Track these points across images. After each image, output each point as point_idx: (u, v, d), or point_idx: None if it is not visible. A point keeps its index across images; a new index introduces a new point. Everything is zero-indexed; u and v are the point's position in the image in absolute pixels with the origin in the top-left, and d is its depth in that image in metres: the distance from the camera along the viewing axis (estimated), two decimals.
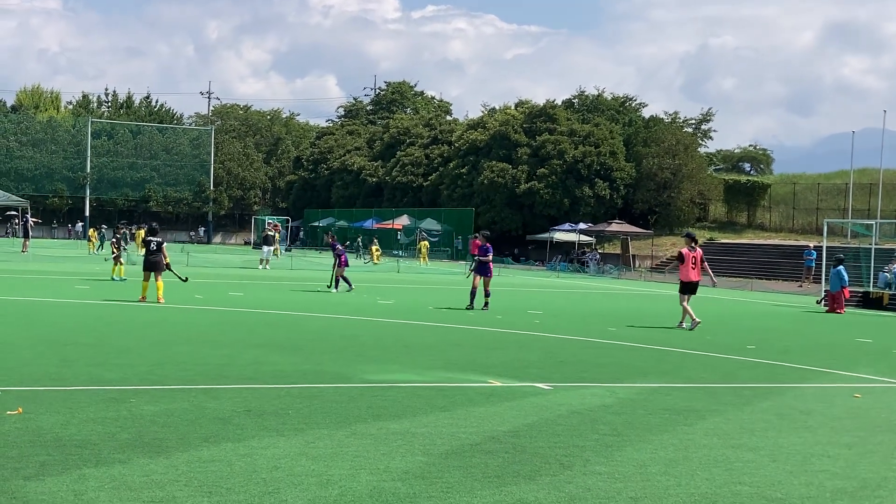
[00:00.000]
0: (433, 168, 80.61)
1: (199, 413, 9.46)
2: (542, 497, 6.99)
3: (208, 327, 17.92)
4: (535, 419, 9.94)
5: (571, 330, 20.20)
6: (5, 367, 11.86)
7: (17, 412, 9.03)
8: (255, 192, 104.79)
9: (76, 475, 7.00)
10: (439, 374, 12.97)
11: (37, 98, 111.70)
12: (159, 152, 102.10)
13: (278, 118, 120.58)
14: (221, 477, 7.12)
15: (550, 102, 76.96)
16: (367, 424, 9.26)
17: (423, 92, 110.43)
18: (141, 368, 12.25)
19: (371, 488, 7.01)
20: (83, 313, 19.66)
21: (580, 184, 69.47)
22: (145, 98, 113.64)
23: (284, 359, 13.76)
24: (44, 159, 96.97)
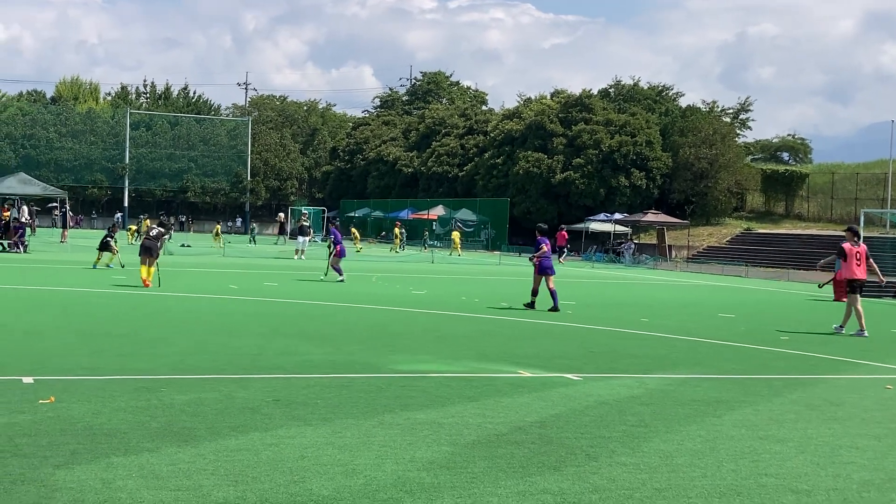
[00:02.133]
0: (469, 158, 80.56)
1: (228, 402, 9.54)
2: (566, 488, 6.99)
3: (241, 317, 18.03)
4: (562, 410, 9.93)
5: (604, 320, 20.15)
6: (39, 357, 12.00)
7: (49, 401, 9.15)
8: (291, 182, 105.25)
9: (105, 463, 7.08)
10: (469, 364, 12.99)
11: (76, 89, 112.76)
12: (197, 143, 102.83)
13: (315, 109, 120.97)
14: (248, 466, 7.18)
15: (587, 92, 76.68)
16: (394, 414, 9.29)
17: (459, 82, 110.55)
18: (172, 358, 12.36)
19: (396, 478, 7.04)
20: (118, 303, 19.84)
21: (616, 174, 69.21)
22: (183, 89, 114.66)
23: (315, 349, 13.83)
24: (83, 150, 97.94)
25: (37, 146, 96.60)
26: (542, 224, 24.00)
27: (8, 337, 13.69)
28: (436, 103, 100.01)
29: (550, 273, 22.13)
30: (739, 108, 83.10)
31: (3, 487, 6.38)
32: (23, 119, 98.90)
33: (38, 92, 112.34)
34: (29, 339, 13.53)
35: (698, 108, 78.56)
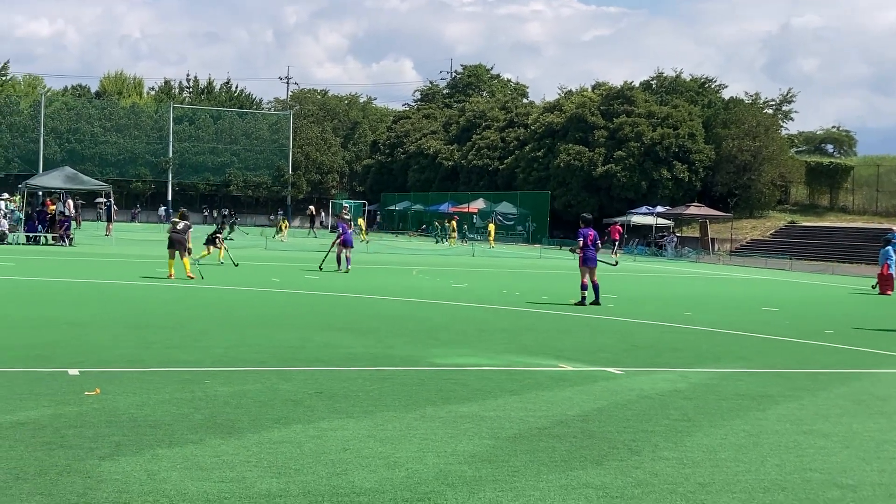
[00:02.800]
0: (509, 151, 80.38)
1: (271, 394, 9.59)
2: (608, 482, 6.97)
3: (283, 310, 18.13)
4: (604, 403, 9.90)
5: (646, 314, 20.05)
6: (85, 349, 12.13)
7: (94, 393, 9.24)
8: (332, 176, 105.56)
9: (149, 455, 7.15)
10: (511, 357, 12.97)
11: (120, 84, 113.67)
12: (239, 137, 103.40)
13: (355, 103, 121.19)
14: (290, 458, 7.22)
15: (628, 84, 76.22)
16: (436, 407, 9.30)
17: (500, 75, 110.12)
18: (216, 350, 12.45)
19: (437, 471, 7.05)
20: (162, 296, 20.01)
21: (658, 166, 68.79)
22: (225, 83, 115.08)
23: (356, 341, 13.87)
24: (127, 144, 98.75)
25: (82, 140, 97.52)
26: (586, 214, 23.12)
27: (54, 329, 13.85)
28: (476, 96, 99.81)
29: (592, 265, 21.42)
30: (782, 99, 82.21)
31: (50, 479, 6.46)
32: (68, 113, 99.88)
33: (83, 87, 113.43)
34: (74, 332, 13.68)
35: (741, 100, 77.81)
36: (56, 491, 6.21)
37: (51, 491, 6.21)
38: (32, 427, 7.84)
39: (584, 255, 21.36)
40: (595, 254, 21.50)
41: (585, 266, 21.38)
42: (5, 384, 9.53)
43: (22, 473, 6.54)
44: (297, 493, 6.38)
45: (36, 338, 12.90)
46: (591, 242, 21.39)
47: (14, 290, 19.98)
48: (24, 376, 10.02)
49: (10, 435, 7.56)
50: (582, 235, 21.49)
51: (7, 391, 9.19)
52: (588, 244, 21.34)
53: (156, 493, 6.24)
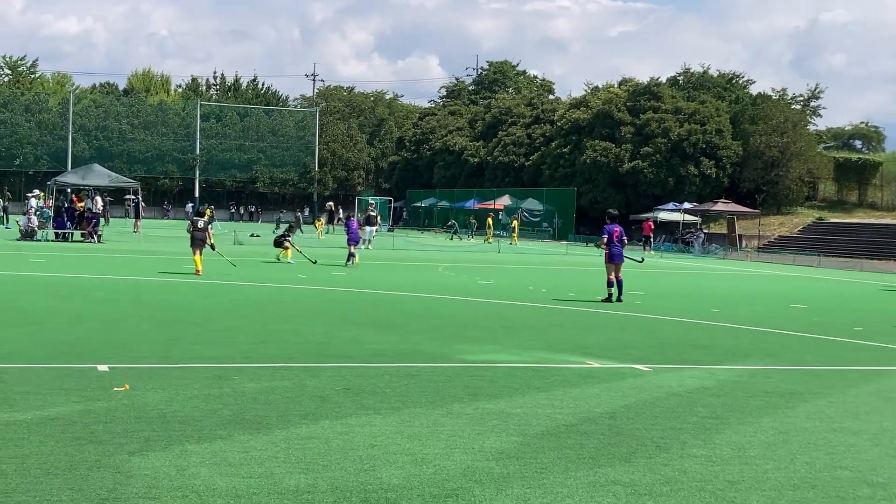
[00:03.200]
0: (535, 148, 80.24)
1: (298, 391, 9.62)
2: (637, 479, 6.95)
3: (310, 306, 18.18)
4: (632, 401, 9.87)
5: (674, 311, 19.97)
6: (115, 345, 12.21)
7: (123, 388, 9.30)
8: (358, 172, 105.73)
9: (178, 451, 7.18)
10: (537, 354, 12.96)
11: (147, 82, 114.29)
12: (266, 134, 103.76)
13: (381, 99, 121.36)
14: (318, 454, 7.24)
15: (655, 80, 75.93)
16: (463, 404, 9.30)
17: (526, 71, 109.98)
18: (244, 346, 12.50)
19: (465, 467, 7.05)
20: (190, 292, 20.11)
21: (685, 162, 68.47)
22: (252, 81, 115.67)
23: (383, 338, 13.89)
24: (155, 141, 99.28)
25: (110, 137, 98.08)
26: (612, 210, 23.05)
27: (83, 325, 13.94)
28: (502, 93, 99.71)
29: (618, 262, 21.28)
30: (810, 95, 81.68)
31: (81, 474, 6.50)
32: (96, 111, 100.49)
33: (110, 84, 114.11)
34: (104, 328, 13.76)
35: (769, 96, 77.32)
36: (86, 486, 6.25)
37: (81, 486, 6.25)
38: (62, 422, 7.90)
39: (610, 251, 21.26)
40: (621, 250, 21.36)
41: (611, 263, 21.27)
42: (35, 380, 9.60)
43: (52, 469, 6.59)
44: (325, 489, 6.40)
45: (65, 334, 12.99)
46: (616, 239, 21.28)
47: (44, 286, 20.13)
48: (54, 372, 10.09)
49: (40, 430, 7.61)
50: (607, 232, 21.44)
51: (37, 387, 9.26)
52: (613, 240, 21.23)
53: (185, 489, 6.27)
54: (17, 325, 13.66)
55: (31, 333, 12.92)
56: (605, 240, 21.35)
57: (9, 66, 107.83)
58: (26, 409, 8.31)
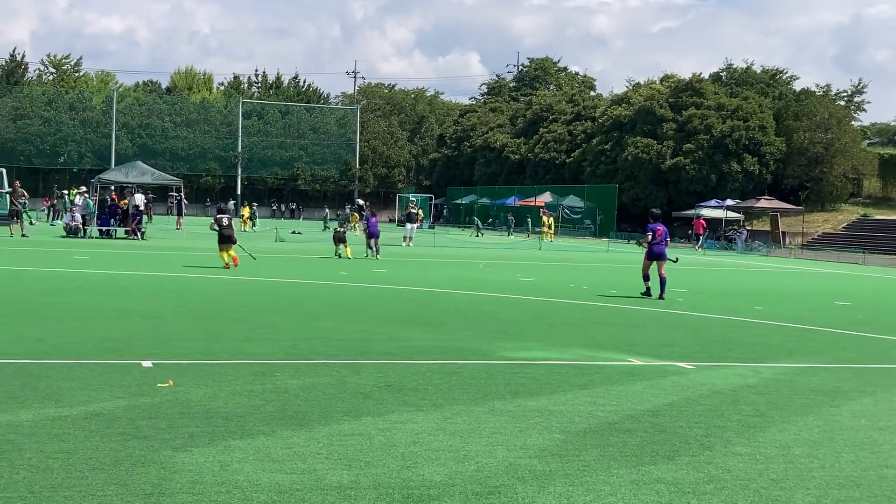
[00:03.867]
0: (576, 144, 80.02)
1: (340, 387, 9.65)
2: (680, 477, 6.90)
3: (352, 303, 18.22)
4: (675, 398, 9.81)
5: (717, 308, 19.83)
6: (158, 341, 12.30)
7: (167, 385, 9.37)
8: (399, 170, 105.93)
9: (222, 446, 7.22)
10: (579, 351, 12.91)
11: (190, 80, 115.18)
12: (307, 132, 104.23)
13: (422, 97, 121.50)
14: (361, 450, 7.26)
15: (697, 76, 75.44)
16: (505, 401, 9.29)
17: (567, 68, 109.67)
18: (286, 343, 12.56)
19: (507, 465, 7.04)
20: (232, 289, 20.23)
21: (728, 159, 67.98)
22: (293, 78, 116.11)
23: (424, 335, 13.90)
24: (197, 139, 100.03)
25: (153, 135, 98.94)
26: (655, 209, 23.21)
27: (128, 322, 14.06)
28: (543, 89, 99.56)
29: (663, 259, 21.32)
30: (854, 90, 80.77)
31: (125, 469, 6.56)
32: (139, 109, 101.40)
33: (153, 82, 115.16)
34: (148, 324, 13.87)
35: (812, 92, 76.58)
36: (131, 481, 6.30)
37: (126, 481, 6.30)
38: (107, 418, 7.97)
39: (652, 249, 21.30)
40: (664, 248, 21.42)
41: (651, 260, 21.36)
42: (81, 376, 9.69)
43: (97, 464, 6.65)
44: (367, 485, 6.41)
45: (110, 330, 13.11)
46: (659, 237, 21.34)
47: (88, 283, 20.33)
48: (100, 368, 10.19)
49: (85, 426, 7.69)
50: (651, 230, 21.44)
51: (83, 383, 9.35)
52: (657, 239, 21.30)
53: (228, 484, 6.31)
54: (63, 322, 13.81)
55: (77, 330, 13.05)
56: (649, 238, 21.37)
57: (53, 64, 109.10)
58: (72, 405, 8.40)
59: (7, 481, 6.21)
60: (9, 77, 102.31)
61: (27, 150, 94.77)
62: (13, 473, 6.37)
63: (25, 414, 8.02)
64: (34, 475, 6.35)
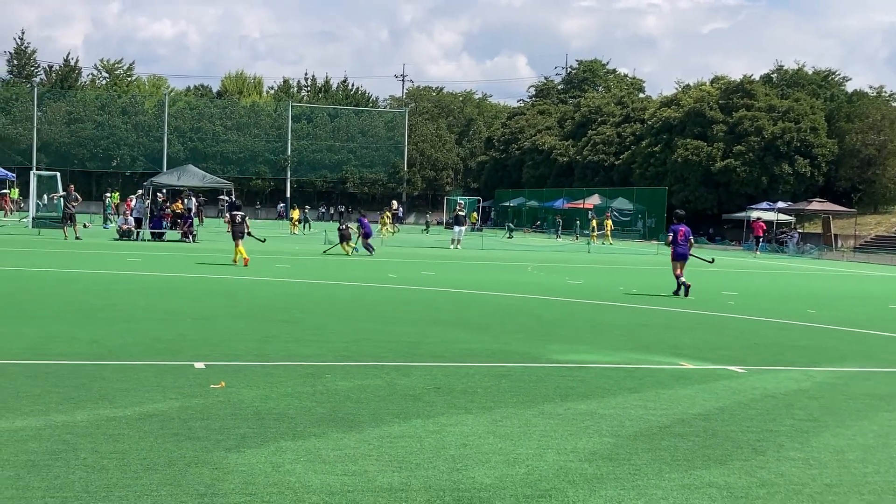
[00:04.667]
0: (625, 147, 79.63)
1: (390, 389, 9.68)
2: (732, 482, 6.85)
3: (400, 305, 18.27)
4: (727, 402, 9.73)
5: (768, 311, 19.65)
6: (210, 343, 12.42)
7: (219, 386, 9.45)
8: (447, 172, 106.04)
9: (274, 448, 7.28)
10: (628, 354, 12.85)
11: (240, 84, 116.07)
12: (356, 135, 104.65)
13: (470, 99, 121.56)
14: (411, 452, 7.28)
15: (748, 78, 74.77)
16: (554, 404, 9.27)
17: (616, 69, 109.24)
18: (336, 345, 12.62)
19: (558, 468, 7.02)
20: (282, 291, 20.36)
21: (779, 161, 67.31)
22: (342, 82, 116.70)
23: (473, 337, 13.90)
24: (247, 143, 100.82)
25: (204, 139, 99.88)
26: (679, 210, 24.22)
27: (181, 323, 14.20)
28: (592, 91, 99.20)
29: (683, 260, 22.26)
30: None
31: (179, 469, 6.62)
32: (191, 113, 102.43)
33: (204, 86, 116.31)
34: (200, 326, 14.01)
35: (865, 93, 75.61)
36: (184, 482, 6.37)
37: (179, 482, 6.37)
38: (161, 419, 8.06)
39: (675, 250, 22.26)
40: (686, 249, 22.31)
41: (676, 261, 22.32)
42: (135, 377, 9.81)
43: (151, 464, 6.72)
44: (418, 487, 6.43)
45: (163, 332, 13.25)
46: (681, 238, 22.20)
47: (141, 285, 20.55)
48: (153, 369, 10.30)
49: (139, 426, 7.78)
50: (672, 231, 22.48)
51: (136, 384, 9.46)
52: (678, 240, 22.19)
53: (280, 486, 6.36)
54: (117, 324, 13.97)
55: (130, 331, 13.20)
56: (670, 238, 22.43)
57: (106, 69, 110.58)
58: (126, 406, 8.50)
59: (63, 481, 6.30)
60: (63, 82, 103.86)
61: (81, 153, 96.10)
62: (69, 473, 6.46)
63: (80, 414, 8.13)
64: (89, 475, 6.44)
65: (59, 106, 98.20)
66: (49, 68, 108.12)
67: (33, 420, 7.88)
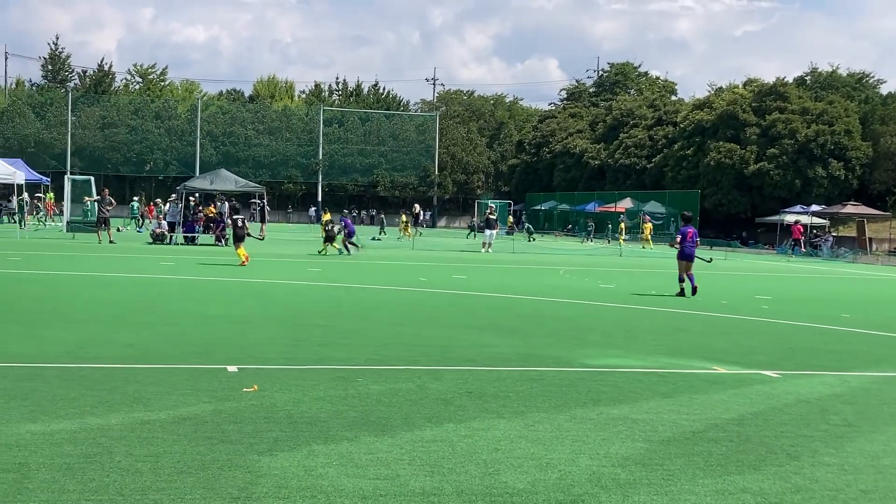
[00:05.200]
0: (657, 150, 79.32)
1: (422, 393, 9.69)
2: (766, 487, 6.81)
3: (431, 309, 18.28)
4: (760, 407, 9.67)
5: (802, 316, 19.51)
6: (243, 346, 12.47)
7: (252, 389, 9.49)
8: (478, 176, 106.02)
9: (306, 451, 7.30)
10: (661, 359, 12.79)
11: (272, 88, 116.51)
12: (387, 138, 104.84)
13: (501, 103, 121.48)
14: (443, 457, 7.28)
15: (781, 80, 74.32)
16: (586, 409, 9.24)
17: (647, 72, 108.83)
18: (367, 349, 12.64)
19: (591, 473, 7.00)
20: (313, 295, 20.42)
21: (812, 164, 66.84)
22: (373, 86, 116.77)
23: (504, 341, 13.89)
24: (279, 147, 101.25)
25: (236, 143, 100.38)
26: (686, 213, 25.46)
27: (214, 327, 14.28)
28: (623, 94, 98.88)
29: (689, 260, 23.08)
30: None
31: (212, 473, 6.66)
32: (223, 117, 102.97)
33: (236, 91, 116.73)
34: (233, 329, 14.07)
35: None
36: (218, 485, 6.40)
37: (213, 485, 6.40)
38: (194, 422, 8.11)
39: (684, 250, 23.13)
40: (693, 250, 23.29)
41: (683, 260, 23.16)
42: (169, 380, 9.87)
43: (185, 467, 6.76)
44: (450, 491, 6.43)
45: (197, 335, 13.33)
46: (690, 239, 23.27)
47: (175, 288, 20.68)
48: (186, 372, 10.37)
49: (173, 429, 7.83)
50: (681, 233, 23.52)
51: (170, 387, 9.52)
52: (687, 240, 23.22)
53: (313, 489, 6.38)
54: (152, 327, 14.07)
55: (164, 335, 13.29)
56: (679, 239, 23.40)
57: (140, 73, 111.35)
58: (160, 409, 8.56)
59: (98, 484, 6.35)
60: (97, 86, 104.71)
61: (114, 158, 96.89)
62: (103, 476, 6.51)
63: (115, 417, 8.19)
64: (124, 478, 6.49)
65: (92, 111, 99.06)
66: (83, 73, 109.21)
67: (68, 423, 7.95)
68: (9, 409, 8.40)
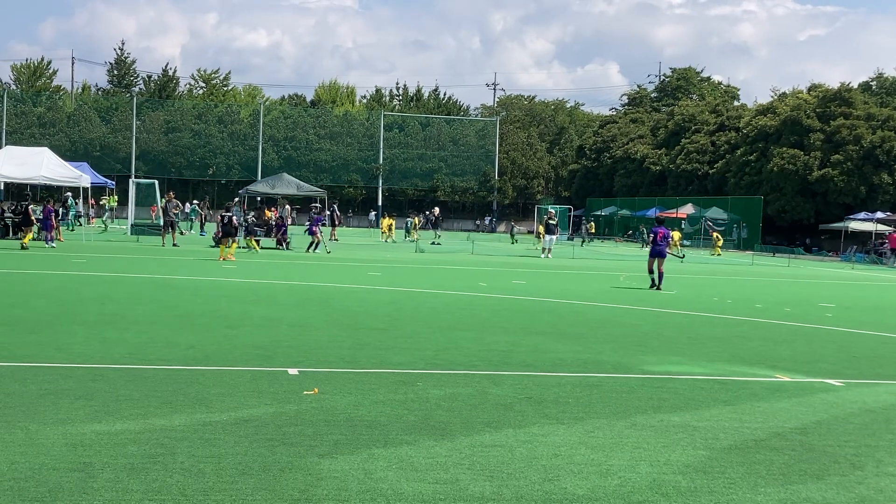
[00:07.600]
0: (719, 155, 78.55)
1: (482, 398, 9.69)
2: (830, 497, 6.73)
3: (491, 314, 18.27)
4: (824, 416, 9.55)
5: (867, 324, 19.22)
6: (304, 349, 12.57)
7: (313, 392, 9.57)
8: (538, 181, 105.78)
9: (366, 454, 7.34)
10: (723, 366, 12.68)
11: (333, 93, 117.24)
12: (447, 143, 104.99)
13: (562, 108, 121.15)
14: (502, 462, 7.28)
15: (845, 85, 73.22)
16: (647, 416, 9.19)
17: (710, 77, 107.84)
18: (427, 353, 12.67)
19: (651, 480, 6.96)
20: (373, 298, 20.50)
21: (878, 170, 65.80)
22: (434, 91, 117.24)
23: (564, 347, 13.85)
24: (340, 151, 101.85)
25: (297, 147, 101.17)
26: (660, 216, 29.94)
27: (276, 330, 14.40)
28: (685, 99, 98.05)
29: (662, 257, 26.01)
30: None
31: (273, 475, 6.72)
32: (285, 122, 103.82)
33: (298, 96, 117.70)
34: (294, 333, 14.19)
35: None
36: (279, 487, 6.46)
37: (274, 487, 6.46)
38: (256, 424, 8.19)
39: (654, 248, 26.19)
40: (664, 248, 26.33)
41: (653, 257, 26.07)
42: (231, 382, 9.98)
43: (247, 469, 6.83)
44: (509, 497, 6.43)
45: (258, 338, 13.45)
46: (660, 238, 26.25)
47: (236, 291, 20.88)
48: (248, 375, 10.47)
49: (235, 431, 7.91)
50: (653, 233, 26.64)
51: (232, 389, 9.62)
52: (658, 240, 26.20)
53: (373, 492, 6.41)
54: (213, 329, 14.23)
55: (226, 337, 13.43)
56: (651, 238, 26.75)
57: (203, 79, 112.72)
58: (222, 411, 8.65)
59: (161, 484, 6.44)
60: (161, 91, 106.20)
61: (178, 162, 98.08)
62: (167, 477, 6.60)
63: (178, 419, 8.30)
64: (186, 479, 6.57)
65: (157, 115, 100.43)
66: (148, 78, 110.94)
67: (132, 423, 8.07)
68: (74, 409, 8.54)
